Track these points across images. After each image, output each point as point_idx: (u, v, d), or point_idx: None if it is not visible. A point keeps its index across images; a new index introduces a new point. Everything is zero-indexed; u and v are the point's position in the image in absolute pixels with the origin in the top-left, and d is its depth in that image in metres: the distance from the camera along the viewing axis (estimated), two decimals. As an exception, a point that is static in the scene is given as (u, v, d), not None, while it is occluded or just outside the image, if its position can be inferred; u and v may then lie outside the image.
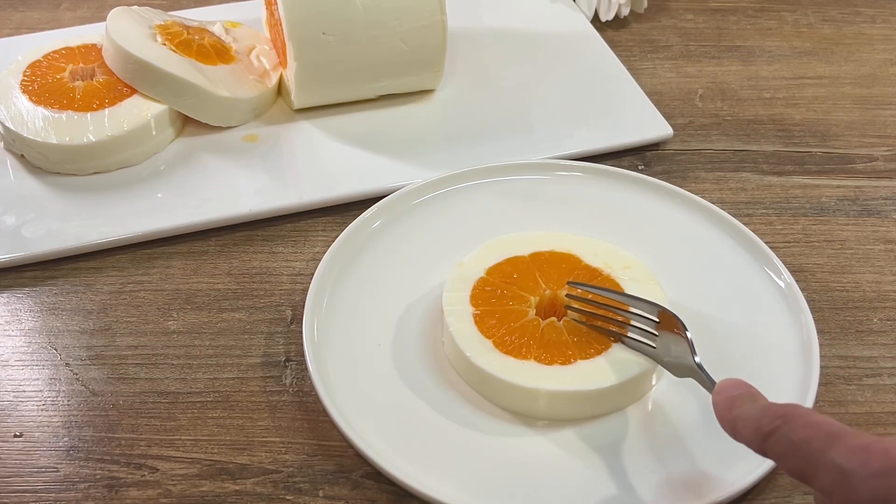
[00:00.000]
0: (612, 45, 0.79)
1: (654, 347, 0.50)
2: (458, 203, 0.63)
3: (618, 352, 0.51)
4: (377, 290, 0.58)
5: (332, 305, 0.56)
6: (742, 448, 0.49)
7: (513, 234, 0.57)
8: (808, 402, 0.50)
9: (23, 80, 0.68)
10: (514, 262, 0.56)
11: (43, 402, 0.53)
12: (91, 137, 0.64)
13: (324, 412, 0.50)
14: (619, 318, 0.51)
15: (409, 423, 0.51)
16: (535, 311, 0.53)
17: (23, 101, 0.66)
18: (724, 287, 0.58)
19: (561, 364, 0.50)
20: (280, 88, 0.73)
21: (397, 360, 0.54)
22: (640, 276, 0.54)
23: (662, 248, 0.60)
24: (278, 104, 0.72)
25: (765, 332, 0.55)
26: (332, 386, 0.51)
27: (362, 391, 0.52)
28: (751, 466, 0.47)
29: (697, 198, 0.62)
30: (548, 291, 0.54)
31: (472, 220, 0.62)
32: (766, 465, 0.47)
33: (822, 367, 0.53)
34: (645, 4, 0.83)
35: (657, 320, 0.50)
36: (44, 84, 0.68)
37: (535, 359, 0.51)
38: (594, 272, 0.55)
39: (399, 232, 0.61)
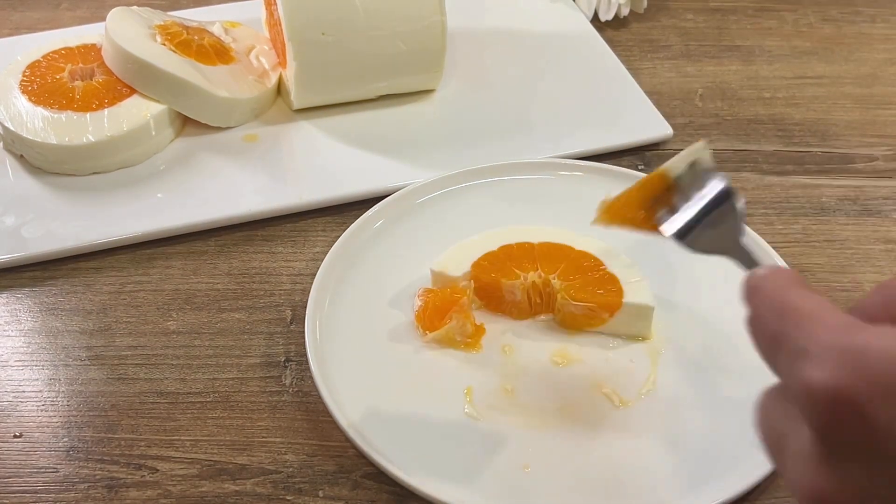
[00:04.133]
0: (612, 44, 0.78)
1: None
2: (459, 203, 0.63)
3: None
4: (378, 289, 0.57)
5: (333, 305, 0.56)
6: (742, 448, 0.49)
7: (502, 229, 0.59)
8: None
9: (22, 81, 0.68)
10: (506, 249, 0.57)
11: (42, 403, 0.53)
12: (90, 137, 0.64)
13: (324, 412, 0.50)
14: None
15: (410, 422, 0.51)
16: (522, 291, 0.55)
17: (22, 102, 0.66)
18: (721, 287, 0.57)
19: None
20: (279, 88, 0.72)
21: (398, 359, 0.54)
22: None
23: (658, 247, 0.59)
24: (278, 104, 0.72)
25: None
26: (335, 386, 0.51)
27: (364, 391, 0.52)
28: (751, 467, 0.47)
29: None
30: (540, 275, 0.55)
31: (473, 220, 0.62)
32: (766, 465, 0.47)
33: (822, 366, 0.53)
34: (645, 4, 0.83)
35: None
36: (43, 84, 0.68)
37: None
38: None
39: (400, 231, 0.61)
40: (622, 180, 0.64)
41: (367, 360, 0.54)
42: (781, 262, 0.57)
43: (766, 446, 0.31)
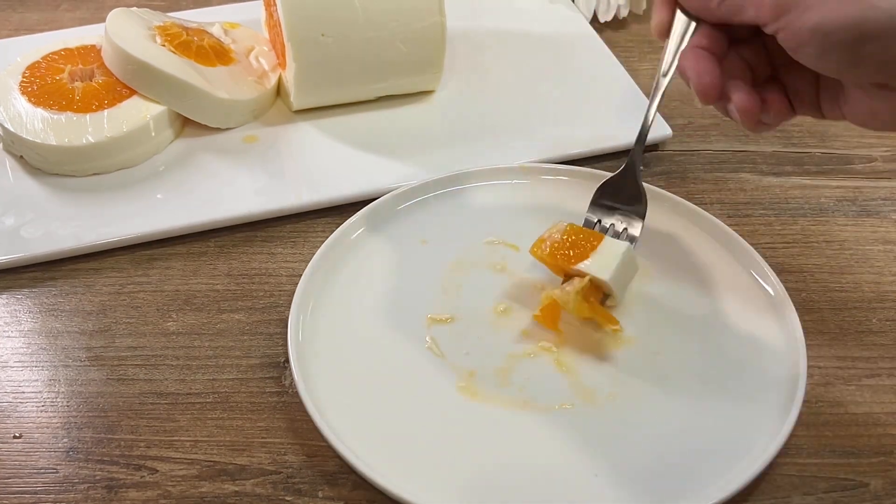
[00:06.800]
0: (611, 45, 0.79)
1: None
2: (450, 205, 0.63)
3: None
4: (364, 293, 0.57)
5: (317, 310, 0.56)
6: (741, 447, 0.49)
7: None
8: (797, 404, 0.50)
9: (22, 82, 0.68)
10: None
11: (42, 404, 0.53)
12: (90, 138, 0.64)
13: (323, 413, 0.50)
14: None
15: (394, 426, 0.51)
16: None
17: (22, 103, 0.66)
18: (713, 291, 0.58)
19: None
20: (279, 89, 0.73)
21: (385, 363, 0.54)
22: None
23: (652, 249, 0.60)
24: (277, 105, 0.72)
25: (753, 337, 0.55)
26: (318, 393, 0.51)
27: (349, 397, 0.52)
28: (750, 465, 0.48)
29: (685, 201, 0.62)
30: None
31: (462, 223, 0.62)
32: (764, 463, 0.48)
33: (821, 367, 0.54)
34: (644, 5, 0.83)
35: None
36: (43, 85, 0.68)
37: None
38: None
39: (388, 235, 0.61)
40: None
41: (352, 366, 0.53)
42: (768, 268, 0.57)
43: None
